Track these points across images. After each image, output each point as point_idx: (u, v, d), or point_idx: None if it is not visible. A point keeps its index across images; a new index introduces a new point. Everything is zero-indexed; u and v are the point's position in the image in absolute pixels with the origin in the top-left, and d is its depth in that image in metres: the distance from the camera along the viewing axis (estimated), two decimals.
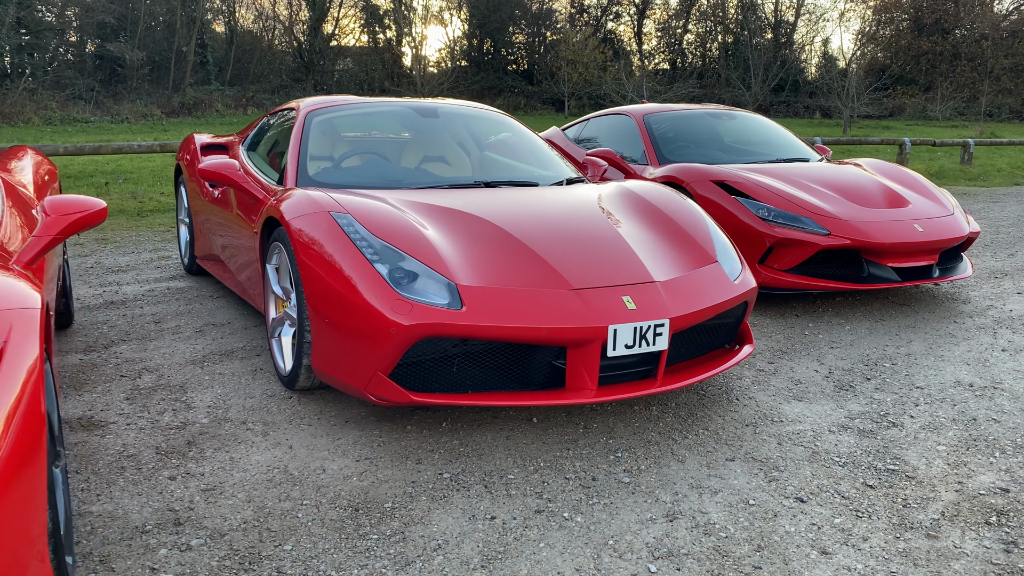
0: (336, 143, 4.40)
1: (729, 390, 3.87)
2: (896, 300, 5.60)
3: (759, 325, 4.96)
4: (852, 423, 3.53)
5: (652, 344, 3.16)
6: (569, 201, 3.90)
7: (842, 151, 18.05)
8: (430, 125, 4.70)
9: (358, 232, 3.22)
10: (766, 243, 5.09)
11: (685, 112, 6.86)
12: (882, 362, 4.33)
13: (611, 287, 3.20)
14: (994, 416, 3.62)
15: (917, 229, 5.19)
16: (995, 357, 4.44)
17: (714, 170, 5.57)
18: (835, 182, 5.64)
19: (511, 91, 36.96)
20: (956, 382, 4.04)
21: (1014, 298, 5.74)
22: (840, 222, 5.10)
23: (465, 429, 3.33)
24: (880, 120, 32.58)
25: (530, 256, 3.27)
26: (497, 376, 3.15)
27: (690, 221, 3.86)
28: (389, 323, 2.94)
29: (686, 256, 3.61)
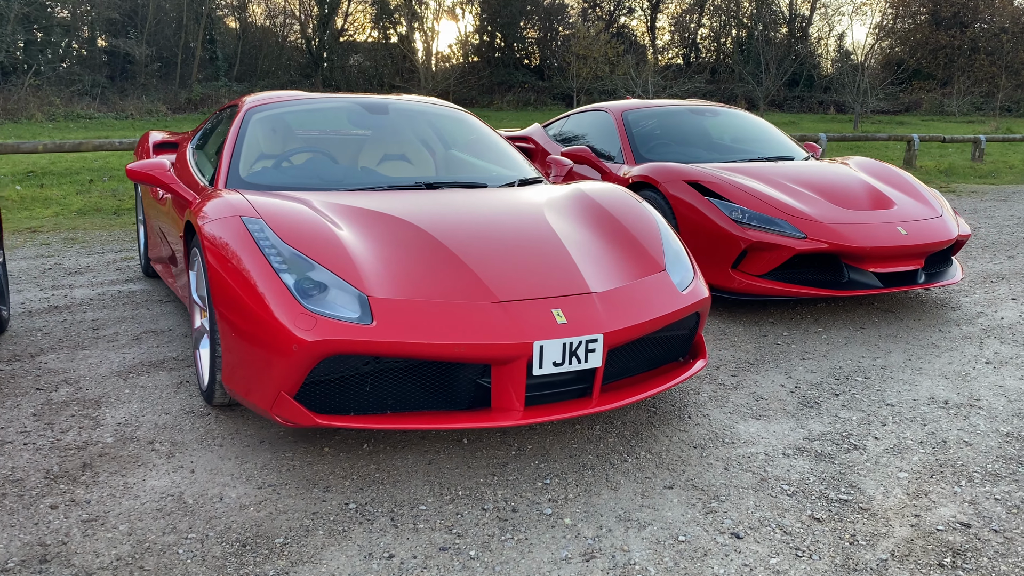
0: (276, 141, 4.17)
1: (683, 407, 3.61)
2: (880, 306, 5.31)
3: (730, 333, 4.69)
4: (810, 445, 3.26)
5: (584, 361, 2.91)
6: (513, 205, 3.65)
7: (849, 147, 17.69)
8: (379, 122, 4.46)
9: (268, 239, 2.98)
10: (739, 247, 4.82)
11: (665, 109, 6.59)
12: (854, 376, 4.05)
13: (540, 299, 2.95)
14: (966, 438, 3.34)
15: (901, 232, 4.91)
16: (977, 370, 4.15)
17: (688, 169, 5.30)
18: (817, 182, 5.35)
19: (521, 86, 36.70)
20: (931, 398, 3.77)
21: (1007, 304, 5.43)
22: (818, 225, 4.82)
23: (386, 452, 3.09)
24: (895, 115, 32.06)
25: (456, 265, 3.03)
26: (417, 395, 2.91)
27: (641, 227, 3.60)
28: (292, 339, 2.71)
29: (632, 264, 3.35)
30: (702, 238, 4.98)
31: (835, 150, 16.95)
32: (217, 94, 28.80)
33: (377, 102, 4.58)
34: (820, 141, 13.50)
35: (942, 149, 17.80)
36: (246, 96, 4.58)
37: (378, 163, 4.20)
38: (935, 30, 39.45)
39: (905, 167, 14.42)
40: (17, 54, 25.39)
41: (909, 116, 32.49)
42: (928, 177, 13.40)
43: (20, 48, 27.18)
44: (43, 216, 8.35)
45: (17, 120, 20.57)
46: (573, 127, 6.95)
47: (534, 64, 39.23)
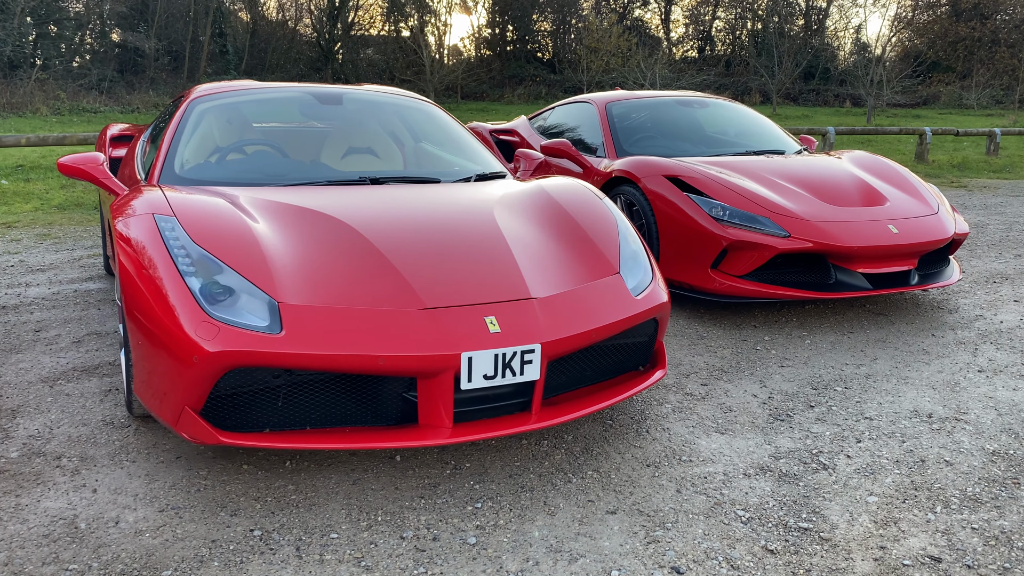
0: (219, 134, 3.93)
1: (642, 419, 3.35)
2: (872, 309, 5.02)
3: (707, 337, 4.42)
4: (776, 464, 2.99)
5: (520, 374, 2.66)
6: (462, 202, 3.40)
7: (860, 141, 17.31)
8: (332, 113, 4.22)
9: (178, 239, 2.75)
10: (719, 245, 4.55)
11: (651, 100, 6.30)
12: (834, 385, 3.78)
13: (473, 306, 2.70)
14: (947, 457, 3.07)
15: (892, 231, 4.61)
16: (968, 380, 3.87)
17: (668, 164, 5.02)
18: (805, 177, 5.07)
19: (532, 80, 36.35)
20: (914, 411, 3.49)
21: (1008, 307, 5.13)
22: (802, 223, 4.54)
23: (309, 470, 2.85)
24: (911, 109, 31.51)
25: (384, 268, 2.78)
26: (340, 410, 2.67)
27: (598, 226, 3.34)
28: (193, 349, 2.47)
29: (583, 267, 3.09)
30: (681, 236, 4.72)
31: (845, 144, 16.57)
32: None
33: (330, 92, 4.33)
34: (828, 135, 13.15)
35: (956, 143, 17.37)
36: (198, 86, 4.35)
37: (327, 156, 3.95)
38: (955, 22, 38.74)
39: (916, 161, 14.05)
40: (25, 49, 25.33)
41: (926, 109, 31.91)
42: (940, 172, 13.02)
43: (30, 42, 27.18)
44: (21, 211, 8.17)
45: (22, 114, 20.50)
46: (557, 119, 6.68)
47: (546, 57, 38.90)
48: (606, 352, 3.10)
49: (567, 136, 6.34)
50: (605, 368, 3.14)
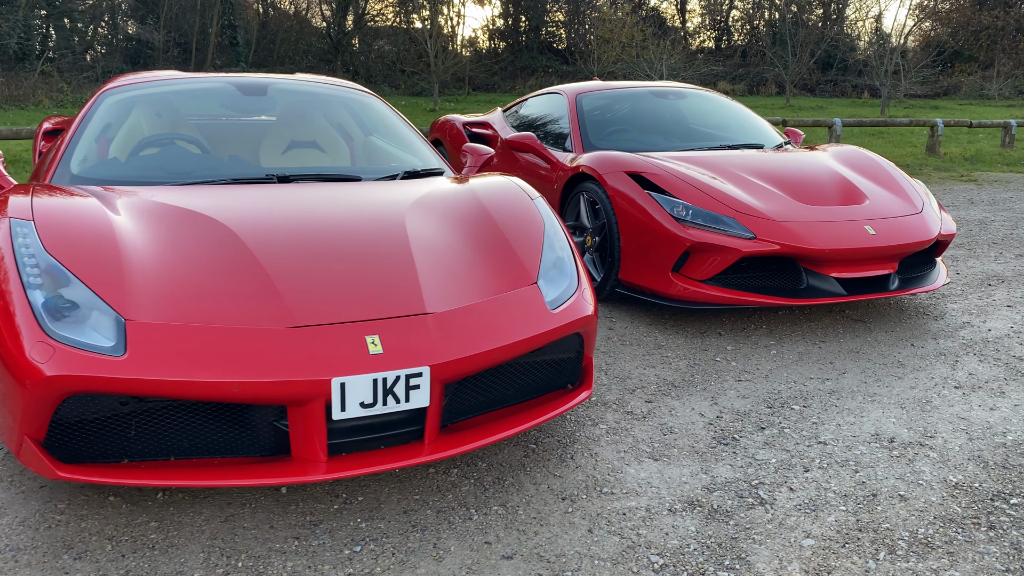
0: (127, 128, 3.65)
1: (570, 442, 3.04)
2: (851, 315, 4.68)
3: (665, 347, 4.10)
4: (708, 498, 2.68)
5: (405, 400, 2.36)
6: (372, 204, 3.09)
7: (870, 133, 16.84)
8: (254, 106, 3.92)
9: (29, 246, 2.47)
10: (680, 247, 4.22)
11: (624, 91, 5.96)
12: (792, 403, 3.45)
13: (352, 323, 2.40)
14: (903, 490, 2.74)
15: (868, 232, 4.26)
16: (941, 398, 3.52)
17: (630, 160, 4.69)
18: (780, 174, 4.72)
19: (544, 70, 35.94)
20: (875, 435, 3.15)
21: (1000, 313, 4.76)
22: (770, 223, 4.20)
23: (181, 503, 2.57)
24: (931, 99, 30.83)
25: (258, 279, 2.49)
26: (205, 439, 2.38)
27: (521, 231, 3.03)
28: (27, 371, 2.19)
29: (497, 277, 2.78)
30: (641, 237, 4.39)
31: (853, 136, 16.12)
32: None
33: (254, 82, 4.03)
34: (835, 127, 12.73)
35: (971, 135, 16.85)
36: (118, 77, 4.07)
37: (243, 151, 3.66)
38: (978, 10, 37.90)
39: (928, 154, 13.59)
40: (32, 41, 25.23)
41: (946, 100, 31.22)
42: (951, 165, 12.57)
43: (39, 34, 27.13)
44: None
45: (23, 106, 20.39)
46: (529, 111, 6.36)
47: (560, 47, 38.46)
48: (527, 370, 2.80)
49: (539, 129, 6.02)
50: (528, 387, 2.84)
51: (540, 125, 6.03)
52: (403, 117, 4.21)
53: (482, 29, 39.24)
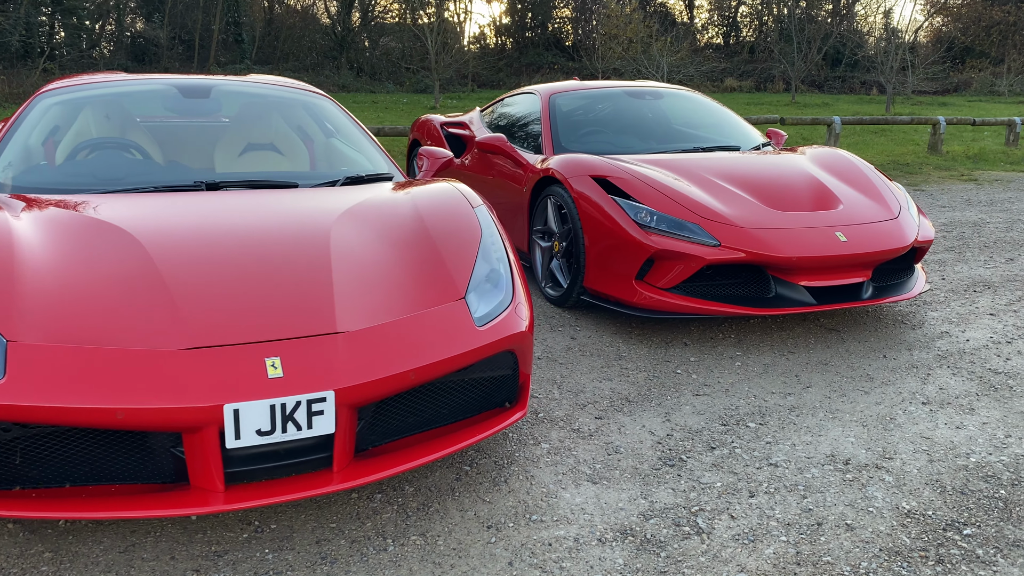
0: (60, 133, 3.52)
1: (507, 463, 2.90)
2: (826, 323, 4.51)
3: (626, 357, 3.95)
4: (643, 526, 2.53)
5: (308, 427, 2.22)
6: (300, 213, 2.95)
7: (872, 131, 16.60)
8: (195, 108, 3.79)
9: None
10: (643, 254, 4.07)
11: (599, 91, 5.80)
12: (748, 420, 3.29)
13: (252, 344, 2.26)
14: (851, 518, 2.58)
15: (839, 239, 4.10)
16: (906, 415, 3.36)
17: (596, 163, 4.54)
18: (752, 178, 4.56)
19: (550, 67, 35.75)
20: (830, 456, 3.00)
21: (981, 322, 4.59)
22: (736, 230, 4.04)
23: (81, 532, 2.44)
24: (940, 96, 30.48)
25: (157, 296, 2.35)
26: (101, 465, 2.25)
27: (455, 242, 2.89)
28: None
29: (424, 292, 2.64)
30: (605, 243, 4.24)
31: (855, 134, 15.89)
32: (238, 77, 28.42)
33: (197, 84, 3.90)
34: (834, 125, 12.52)
35: (976, 133, 16.59)
36: (58, 79, 3.95)
37: (179, 156, 3.53)
38: (989, 6, 37.47)
39: (930, 152, 13.37)
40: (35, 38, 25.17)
41: (955, 97, 30.86)
42: (953, 164, 12.35)
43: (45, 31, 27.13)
44: None
45: None
46: (505, 112, 6.21)
47: (568, 43, 38.25)
48: (458, 389, 2.66)
49: (514, 130, 5.87)
50: (461, 406, 2.70)
51: (515, 126, 5.88)
52: (355, 120, 4.07)
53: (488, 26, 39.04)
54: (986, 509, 2.65)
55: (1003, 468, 2.92)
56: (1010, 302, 4.99)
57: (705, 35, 42.41)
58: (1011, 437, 3.16)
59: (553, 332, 4.32)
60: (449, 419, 2.68)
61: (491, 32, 38.44)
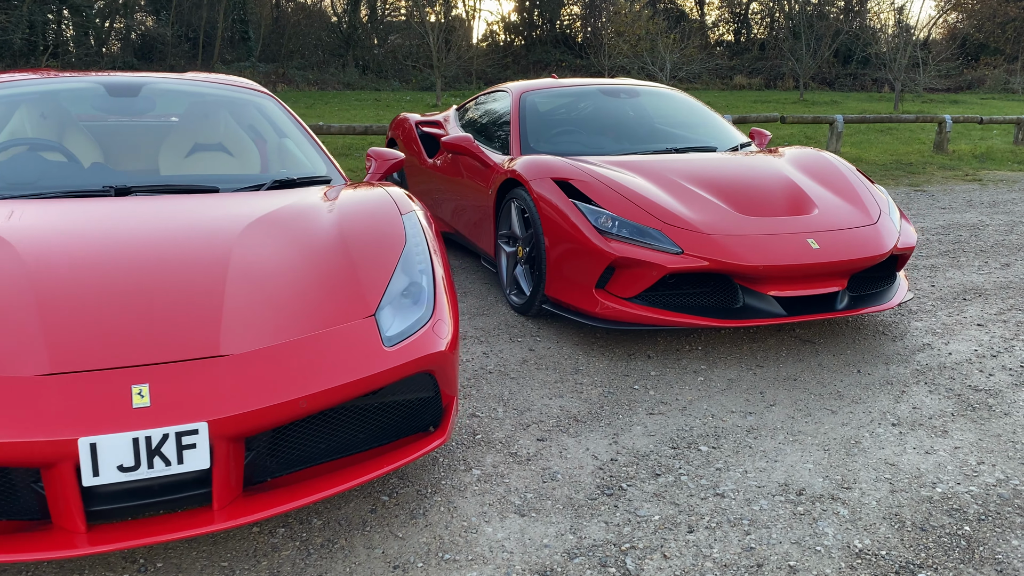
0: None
1: (431, 492, 2.68)
2: (801, 334, 4.27)
3: (584, 371, 3.73)
4: (566, 567, 2.31)
5: (179, 462, 2.01)
6: (207, 221, 2.74)
7: (878, 130, 16.28)
8: (122, 108, 3.59)
9: None
10: (603, 262, 3.84)
11: (572, 89, 5.57)
12: (701, 443, 3.06)
13: (118, 369, 2.05)
14: (795, 558, 2.35)
15: (811, 246, 3.86)
16: (873, 438, 3.12)
17: (558, 165, 4.31)
18: (725, 181, 4.32)
19: (558, 65, 35.50)
20: (783, 485, 2.77)
21: (966, 333, 4.34)
22: (700, 237, 3.81)
23: None
24: (952, 93, 30.03)
25: (24, 315, 2.15)
26: None
27: (373, 252, 2.67)
28: None
29: (329, 309, 2.42)
30: (565, 250, 4.02)
31: (860, 133, 15.58)
32: (241, 75, 28.36)
33: (125, 82, 3.70)
34: (836, 124, 12.23)
35: (984, 131, 16.23)
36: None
37: (98, 157, 3.32)
38: (1004, 2, 36.93)
39: (936, 151, 13.06)
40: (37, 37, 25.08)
41: (968, 94, 30.40)
42: (958, 163, 12.04)
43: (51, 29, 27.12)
44: None
45: None
46: (479, 110, 5.98)
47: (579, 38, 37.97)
48: (370, 413, 2.45)
49: (486, 129, 5.65)
50: (377, 432, 2.48)
51: (488, 125, 5.66)
52: (297, 120, 3.85)
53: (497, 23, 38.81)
54: (946, 549, 2.41)
55: (971, 500, 2.68)
56: (1000, 311, 4.74)
57: (716, 32, 42.04)
58: (983, 464, 2.92)
59: (512, 343, 4.10)
60: (364, 445, 2.47)
61: (500, 29, 38.22)
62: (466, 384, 3.57)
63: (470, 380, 3.61)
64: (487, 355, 3.93)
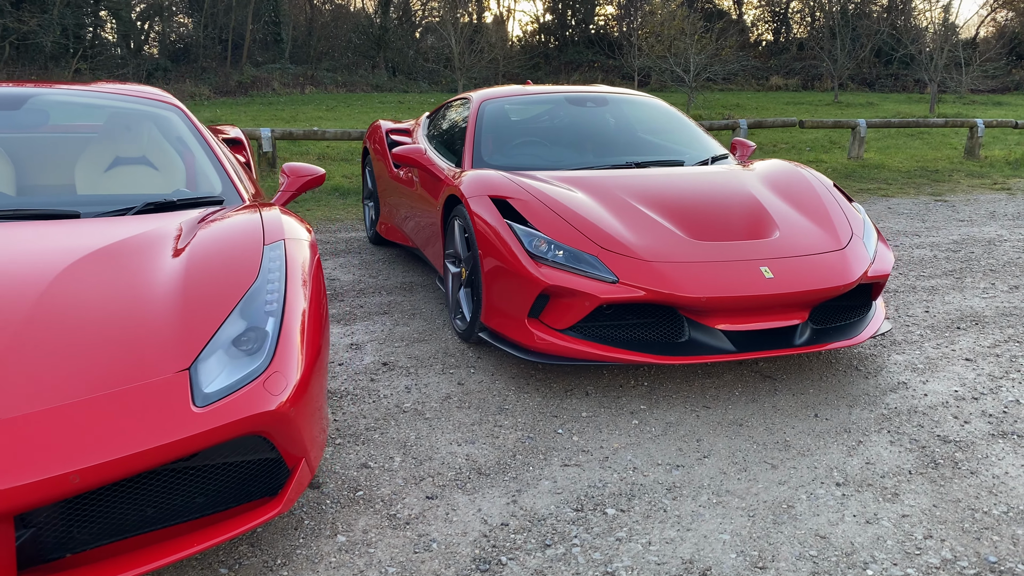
0: None
1: (281, 563, 2.36)
2: (763, 369, 3.88)
3: (509, 411, 3.38)
4: None
5: None
6: (30, 254, 2.46)
7: (908, 134, 15.62)
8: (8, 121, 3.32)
9: None
10: (535, 290, 3.50)
11: (535, 97, 5.22)
12: (611, 503, 2.70)
13: None
14: None
15: (763, 275, 3.47)
16: (811, 500, 2.74)
17: (497, 182, 3.97)
18: (681, 200, 3.95)
19: (590, 65, 35.07)
20: (687, 563, 2.40)
21: (952, 369, 3.91)
22: (637, 264, 3.44)
23: None
24: (997, 95, 28.97)
25: None
26: None
27: (212, 293, 2.36)
28: None
29: (137, 361, 2.12)
30: (500, 275, 3.69)
31: (889, 137, 14.95)
32: (270, 76, 28.45)
33: (9, 94, 3.43)
34: (858, 128, 11.69)
35: (1021, 136, 15.48)
36: None
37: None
38: None
39: (966, 157, 12.44)
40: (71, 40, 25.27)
41: (1014, 96, 29.31)
42: (989, 170, 11.43)
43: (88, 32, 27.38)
44: None
45: None
46: (443, 119, 5.65)
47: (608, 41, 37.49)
48: (200, 477, 2.14)
49: (448, 139, 5.32)
50: (217, 496, 2.18)
51: (450, 135, 5.33)
52: (203, 133, 3.56)
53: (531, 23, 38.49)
54: None
55: None
56: (995, 343, 4.29)
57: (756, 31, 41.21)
58: (931, 539, 2.52)
59: (442, 375, 3.77)
60: (202, 511, 2.17)
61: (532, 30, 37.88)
62: (371, 427, 3.25)
63: (378, 421, 3.29)
64: (409, 390, 3.61)
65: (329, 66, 31.52)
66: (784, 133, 15.15)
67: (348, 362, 3.93)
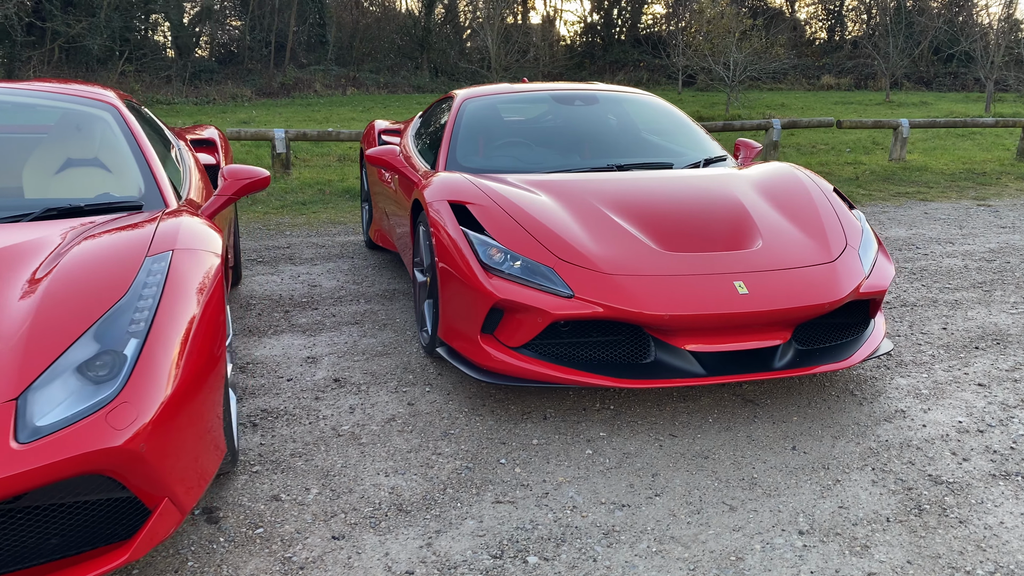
0: None
1: None
2: (746, 391, 3.53)
3: (456, 435, 3.10)
4: None
5: None
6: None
7: (958, 134, 14.89)
8: None
9: None
10: (487, 304, 3.20)
11: (521, 95, 4.91)
12: (536, 550, 2.40)
13: None
14: None
15: (738, 290, 3.13)
16: (764, 551, 2.40)
17: (458, 185, 3.69)
18: (658, 207, 3.63)
19: (635, 65, 34.58)
20: None
21: (961, 396, 3.52)
22: (597, 278, 3.13)
23: None
24: None
25: None
26: None
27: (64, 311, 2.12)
28: None
29: None
30: (454, 286, 3.40)
31: (938, 137, 14.27)
32: (312, 78, 28.55)
33: None
34: (901, 128, 11.13)
35: None
36: None
37: None
38: None
39: (1019, 158, 11.78)
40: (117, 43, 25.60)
41: None
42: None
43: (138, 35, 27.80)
44: None
45: None
46: (429, 119, 5.38)
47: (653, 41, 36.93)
48: (51, 516, 1.91)
49: (431, 140, 5.05)
50: (69, 538, 1.94)
51: (434, 135, 5.05)
52: (138, 136, 3.32)
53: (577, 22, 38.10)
54: None
55: None
56: (1015, 367, 3.87)
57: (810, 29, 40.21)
58: None
59: (393, 394, 3.50)
60: (41, 557, 1.93)
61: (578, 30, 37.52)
62: (297, 452, 2.98)
63: (307, 446, 3.03)
64: (352, 410, 3.34)
65: (372, 67, 31.54)
66: (825, 134, 14.57)
67: (297, 377, 3.68)
